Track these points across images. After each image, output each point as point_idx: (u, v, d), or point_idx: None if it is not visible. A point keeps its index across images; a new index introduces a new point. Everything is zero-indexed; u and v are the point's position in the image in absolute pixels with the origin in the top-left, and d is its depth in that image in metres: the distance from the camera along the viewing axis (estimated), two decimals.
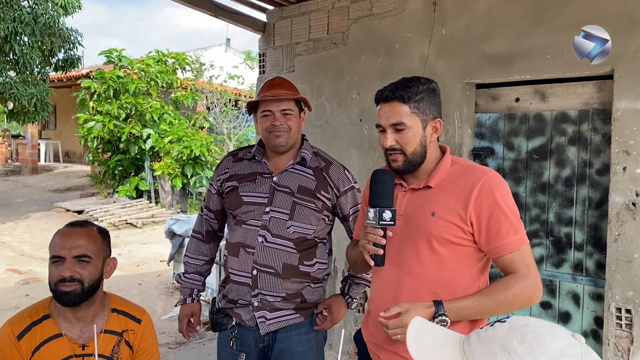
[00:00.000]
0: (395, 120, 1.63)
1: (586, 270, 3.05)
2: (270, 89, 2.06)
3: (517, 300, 1.56)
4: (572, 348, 0.88)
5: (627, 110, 2.80)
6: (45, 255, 7.26)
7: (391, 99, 1.64)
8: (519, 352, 0.88)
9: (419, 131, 1.64)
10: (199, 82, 13.46)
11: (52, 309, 1.73)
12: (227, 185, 2.13)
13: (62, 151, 18.99)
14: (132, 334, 1.80)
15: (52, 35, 10.27)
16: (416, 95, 1.63)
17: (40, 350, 1.66)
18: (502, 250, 1.58)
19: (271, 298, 2.01)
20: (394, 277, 1.67)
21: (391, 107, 1.64)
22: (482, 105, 3.46)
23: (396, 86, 1.65)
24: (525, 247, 1.61)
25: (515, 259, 1.59)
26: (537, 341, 0.89)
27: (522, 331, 0.91)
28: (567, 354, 0.87)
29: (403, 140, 1.63)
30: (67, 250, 1.67)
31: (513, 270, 1.58)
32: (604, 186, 2.95)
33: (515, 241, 1.58)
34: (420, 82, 1.66)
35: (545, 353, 0.87)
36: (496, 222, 1.58)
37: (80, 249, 1.68)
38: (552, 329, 0.92)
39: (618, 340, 2.85)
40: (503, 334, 0.92)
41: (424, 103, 1.64)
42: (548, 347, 0.88)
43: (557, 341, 0.89)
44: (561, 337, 0.90)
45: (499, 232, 1.58)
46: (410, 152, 1.64)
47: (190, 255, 2.27)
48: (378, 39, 3.87)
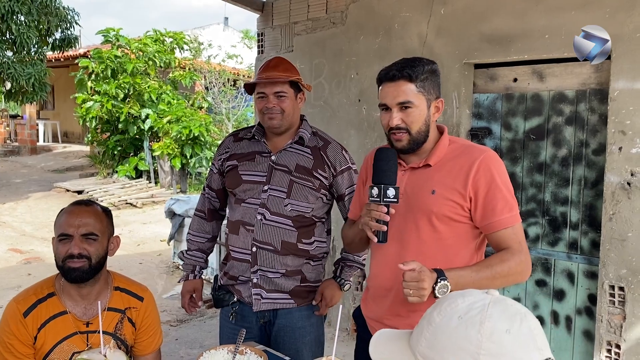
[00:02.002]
0: (402, 99, 1.64)
1: (581, 249, 3.10)
2: (266, 71, 2.08)
3: (512, 273, 1.60)
4: (480, 301, 0.93)
5: (624, 90, 2.81)
6: (47, 235, 7.34)
7: (398, 77, 1.64)
8: (436, 320, 0.95)
9: (424, 110, 1.66)
10: (197, 61, 13.38)
11: (56, 287, 1.77)
12: (228, 165, 2.16)
13: (60, 131, 18.94)
14: (134, 312, 1.84)
15: (49, 15, 10.17)
16: (422, 74, 1.64)
17: (45, 327, 1.71)
18: (497, 226, 1.62)
19: (271, 274, 2.06)
20: (395, 254, 1.70)
21: (397, 86, 1.64)
22: (480, 86, 3.47)
23: (402, 65, 1.66)
24: (518, 225, 1.65)
25: (509, 235, 1.62)
26: (450, 305, 0.95)
27: (440, 303, 0.98)
28: (474, 307, 0.92)
29: (409, 119, 1.65)
30: (75, 228, 1.70)
31: (506, 246, 1.62)
32: (600, 166, 2.98)
33: (509, 218, 1.62)
34: (424, 62, 1.68)
35: (456, 312, 0.93)
36: (492, 199, 1.62)
37: (87, 226, 1.71)
38: (464, 292, 0.98)
39: (611, 317, 2.90)
40: (429, 311, 0.99)
41: (429, 82, 1.66)
42: (459, 306, 0.94)
43: (467, 299, 0.95)
44: (471, 295, 0.96)
45: (495, 209, 1.61)
46: (416, 131, 1.66)
47: (193, 233, 2.31)
48: (377, 19, 3.86)
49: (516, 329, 0.90)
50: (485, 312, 0.91)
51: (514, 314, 0.92)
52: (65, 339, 1.72)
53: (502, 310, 0.92)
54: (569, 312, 3.15)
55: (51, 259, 6.41)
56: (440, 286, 1.50)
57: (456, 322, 0.92)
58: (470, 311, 0.92)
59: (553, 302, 3.21)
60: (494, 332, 0.89)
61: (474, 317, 0.91)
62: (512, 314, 0.92)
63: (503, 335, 0.89)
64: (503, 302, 0.94)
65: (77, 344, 1.73)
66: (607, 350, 2.92)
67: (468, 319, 0.91)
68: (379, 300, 1.79)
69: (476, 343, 0.89)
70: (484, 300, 0.94)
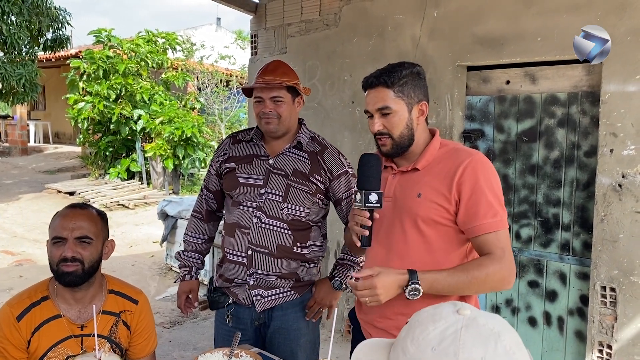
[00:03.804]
0: (380, 104, 1.66)
1: (573, 250, 3.12)
2: (263, 75, 2.08)
3: (490, 280, 1.56)
4: (452, 327, 0.89)
5: (615, 93, 2.84)
6: (38, 236, 7.28)
7: (376, 84, 1.68)
8: (411, 351, 0.90)
9: (405, 114, 1.68)
10: (189, 62, 13.35)
11: (50, 290, 1.76)
12: (225, 167, 2.17)
13: (51, 132, 18.83)
14: (129, 315, 1.84)
15: (41, 15, 10.12)
16: (400, 80, 1.66)
17: (39, 331, 1.70)
18: (478, 231, 1.59)
19: (267, 277, 2.07)
20: (382, 257, 1.71)
21: (376, 93, 1.67)
22: (472, 88, 3.49)
23: (380, 72, 1.69)
24: (502, 232, 1.60)
25: (491, 240, 1.59)
26: (422, 333, 0.90)
27: (412, 328, 0.93)
28: (447, 336, 0.88)
29: (389, 124, 1.67)
30: (69, 231, 1.70)
31: (488, 252, 1.58)
32: (592, 168, 3.00)
33: (492, 223, 1.59)
34: (404, 67, 1.69)
35: (429, 342, 0.88)
36: (475, 203, 1.60)
37: (81, 230, 1.71)
38: (434, 314, 0.93)
39: (602, 317, 2.93)
40: (403, 336, 0.94)
41: (409, 87, 1.67)
42: (430, 335, 0.89)
43: (438, 326, 0.90)
44: (442, 319, 0.91)
45: (477, 213, 1.59)
46: (398, 135, 1.68)
47: (190, 234, 2.32)
48: (370, 21, 3.87)
49: (491, 353, 0.86)
50: (458, 342, 0.87)
51: (487, 336, 0.88)
52: (60, 343, 1.71)
53: (475, 335, 0.88)
54: (561, 312, 3.17)
55: (43, 261, 6.37)
56: (410, 289, 1.51)
57: (430, 355, 0.88)
58: (443, 341, 0.88)
59: (545, 303, 3.23)
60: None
61: (448, 348, 0.87)
62: (486, 337, 0.88)
63: None
64: (475, 324, 0.90)
65: (71, 348, 1.73)
66: (599, 351, 2.95)
67: (441, 350, 0.88)
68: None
69: None
70: (455, 325, 0.90)
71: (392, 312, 1.69)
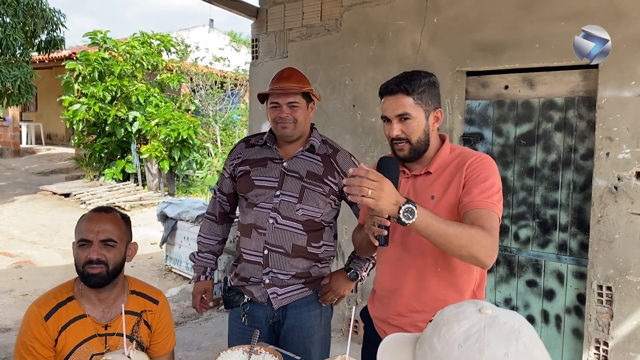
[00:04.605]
0: (400, 111, 1.74)
1: (570, 250, 3.22)
2: (279, 82, 2.16)
3: (476, 242, 1.55)
4: (476, 325, 0.96)
5: (611, 98, 2.94)
6: (35, 238, 7.29)
7: (396, 91, 1.75)
8: (438, 348, 0.97)
9: (423, 121, 1.76)
10: (184, 64, 13.38)
11: (75, 291, 1.82)
12: (240, 170, 2.24)
13: (43, 133, 18.76)
14: (150, 314, 1.90)
15: (35, 17, 10.12)
16: (419, 87, 1.74)
17: (66, 330, 1.76)
18: (472, 206, 1.64)
19: (282, 276, 2.14)
20: (398, 256, 1.79)
21: (396, 99, 1.75)
22: (472, 92, 3.58)
23: (400, 80, 1.76)
24: (494, 214, 1.64)
25: (483, 215, 1.62)
26: (448, 332, 0.97)
27: (438, 326, 1.00)
28: (471, 334, 0.95)
29: (408, 129, 1.75)
30: (95, 234, 1.76)
31: (480, 225, 1.60)
32: (588, 170, 3.10)
33: (485, 202, 1.63)
34: (422, 76, 1.77)
35: (455, 340, 0.95)
36: (473, 185, 1.67)
37: (106, 233, 1.78)
38: (458, 313, 0.99)
39: (599, 315, 3.02)
40: (429, 334, 1.01)
41: (426, 95, 1.76)
42: (456, 334, 0.96)
43: (462, 325, 0.96)
44: (465, 318, 0.97)
45: (472, 192, 1.66)
46: (415, 141, 1.76)
47: (204, 236, 2.39)
48: (371, 27, 3.95)
49: (513, 350, 0.93)
50: (483, 340, 0.94)
51: (509, 333, 0.95)
52: (85, 342, 1.78)
53: (497, 333, 0.95)
54: (559, 311, 3.27)
55: (42, 263, 6.40)
56: (406, 207, 1.47)
57: (457, 353, 0.95)
58: (468, 339, 0.95)
59: (543, 302, 3.32)
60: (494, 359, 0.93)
61: (473, 346, 0.94)
62: (508, 335, 0.95)
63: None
64: (497, 323, 0.97)
65: (95, 347, 1.79)
66: (596, 348, 3.04)
67: (467, 347, 0.94)
68: (384, 301, 1.88)
69: None
70: (479, 323, 0.97)
71: (406, 310, 1.77)
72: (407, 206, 1.47)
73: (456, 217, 1.71)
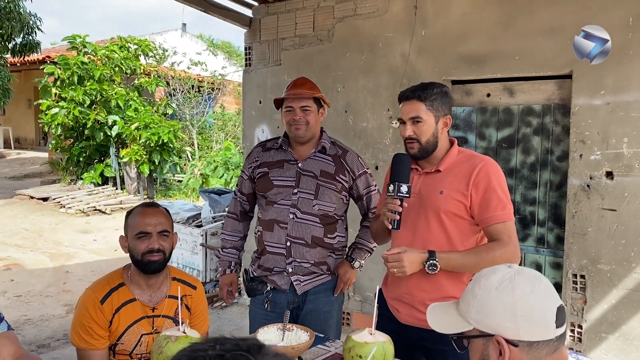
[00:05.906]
0: (413, 114, 2.02)
1: (547, 243, 3.55)
2: (294, 88, 2.41)
3: (497, 261, 1.78)
4: (508, 274, 1.27)
5: (583, 106, 3.28)
6: (21, 242, 7.39)
7: (410, 97, 2.04)
8: (479, 294, 1.27)
9: (432, 125, 2.04)
10: (161, 68, 13.46)
11: (125, 278, 2.03)
12: (258, 172, 2.48)
13: (12, 137, 18.48)
14: (189, 299, 2.12)
15: (12, 20, 10.10)
16: (431, 95, 2.02)
17: (119, 312, 1.97)
18: (490, 221, 1.96)
19: (304, 264, 2.39)
20: (409, 241, 2.06)
21: (410, 105, 2.04)
22: (457, 100, 3.88)
23: (416, 88, 2.05)
24: (510, 222, 1.98)
25: (500, 229, 1.95)
26: (486, 281, 1.28)
27: (477, 280, 1.31)
28: (505, 279, 1.25)
29: (419, 131, 2.03)
30: (153, 226, 1.98)
31: (497, 239, 1.95)
32: (563, 171, 3.44)
33: (502, 215, 1.96)
34: (435, 86, 2.06)
35: (493, 285, 1.26)
36: (488, 198, 1.97)
37: (162, 225, 2.00)
38: (493, 270, 1.31)
39: (574, 301, 3.36)
40: (470, 288, 1.32)
41: (438, 102, 2.04)
42: (493, 281, 1.27)
43: (497, 275, 1.27)
44: (500, 271, 1.29)
45: (489, 206, 1.96)
46: (424, 141, 2.04)
47: (227, 233, 2.61)
48: (362, 37, 4.23)
49: (537, 288, 1.24)
50: (514, 282, 1.25)
51: (533, 278, 1.26)
52: (135, 323, 1.99)
53: (525, 278, 1.26)
54: None
55: (31, 265, 6.50)
56: (429, 264, 1.92)
57: (495, 293, 1.25)
58: (502, 283, 1.25)
59: None
60: (523, 295, 1.23)
61: (507, 287, 1.24)
62: (532, 279, 1.25)
63: (530, 296, 1.23)
64: (523, 272, 1.28)
65: (144, 327, 2.00)
66: (571, 331, 3.37)
67: (502, 289, 1.25)
68: (396, 282, 2.14)
69: (512, 304, 1.22)
70: (510, 272, 1.27)
71: (417, 289, 2.04)
72: (430, 263, 1.91)
73: (459, 209, 1.99)
